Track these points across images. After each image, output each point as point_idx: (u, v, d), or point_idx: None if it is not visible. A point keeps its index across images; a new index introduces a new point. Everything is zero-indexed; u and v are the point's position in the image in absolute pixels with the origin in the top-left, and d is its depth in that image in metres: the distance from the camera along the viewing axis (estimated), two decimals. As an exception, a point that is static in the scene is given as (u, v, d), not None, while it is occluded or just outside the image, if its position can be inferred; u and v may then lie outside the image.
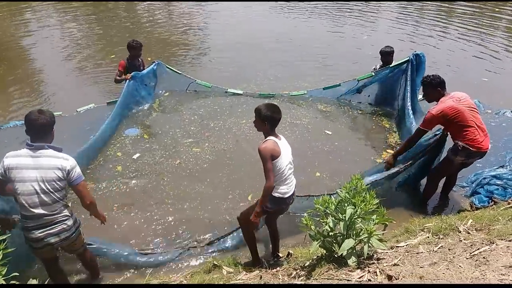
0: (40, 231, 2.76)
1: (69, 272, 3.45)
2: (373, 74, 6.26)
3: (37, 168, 2.67)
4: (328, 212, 2.69)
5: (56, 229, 2.79)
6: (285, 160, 3.05)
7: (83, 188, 2.83)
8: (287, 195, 3.14)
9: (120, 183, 4.81)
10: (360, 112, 6.47)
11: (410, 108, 5.56)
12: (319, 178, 4.87)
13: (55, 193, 2.72)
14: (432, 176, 4.38)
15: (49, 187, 2.68)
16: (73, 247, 3.02)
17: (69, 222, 2.86)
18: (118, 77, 6.24)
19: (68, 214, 2.86)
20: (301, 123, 6.12)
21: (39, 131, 2.71)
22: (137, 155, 5.37)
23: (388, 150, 5.35)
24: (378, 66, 6.39)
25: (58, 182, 2.71)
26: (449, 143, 4.16)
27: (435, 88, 4.04)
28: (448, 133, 4.13)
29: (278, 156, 2.96)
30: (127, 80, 6.10)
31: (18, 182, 2.67)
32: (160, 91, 6.98)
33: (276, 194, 3.10)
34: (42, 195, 2.68)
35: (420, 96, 5.70)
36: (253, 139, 5.69)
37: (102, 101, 6.69)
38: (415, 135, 4.11)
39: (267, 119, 3.01)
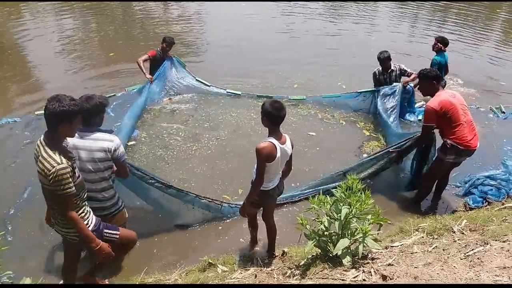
0: None
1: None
2: (375, 89, 6.37)
3: (83, 149, 2.90)
4: (323, 211, 2.70)
5: (93, 206, 2.91)
6: (277, 165, 3.08)
7: (124, 164, 3.11)
8: (270, 188, 3.20)
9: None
10: (345, 118, 6.53)
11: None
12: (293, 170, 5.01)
13: (99, 173, 2.94)
14: (426, 178, 4.40)
15: (94, 167, 2.91)
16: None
17: (108, 203, 3.05)
18: (142, 61, 6.28)
19: (107, 196, 3.03)
20: (287, 122, 6.15)
21: (85, 117, 2.78)
22: (132, 142, 5.58)
23: (364, 155, 5.41)
24: (378, 71, 6.41)
25: (102, 163, 2.93)
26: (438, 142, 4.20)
27: (430, 80, 4.05)
28: (438, 130, 4.15)
29: (272, 161, 2.98)
30: (149, 83, 6.35)
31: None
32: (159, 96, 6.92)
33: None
34: (89, 174, 2.90)
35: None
36: (248, 132, 5.91)
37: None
38: (423, 132, 4.09)
39: (266, 114, 3.02)
